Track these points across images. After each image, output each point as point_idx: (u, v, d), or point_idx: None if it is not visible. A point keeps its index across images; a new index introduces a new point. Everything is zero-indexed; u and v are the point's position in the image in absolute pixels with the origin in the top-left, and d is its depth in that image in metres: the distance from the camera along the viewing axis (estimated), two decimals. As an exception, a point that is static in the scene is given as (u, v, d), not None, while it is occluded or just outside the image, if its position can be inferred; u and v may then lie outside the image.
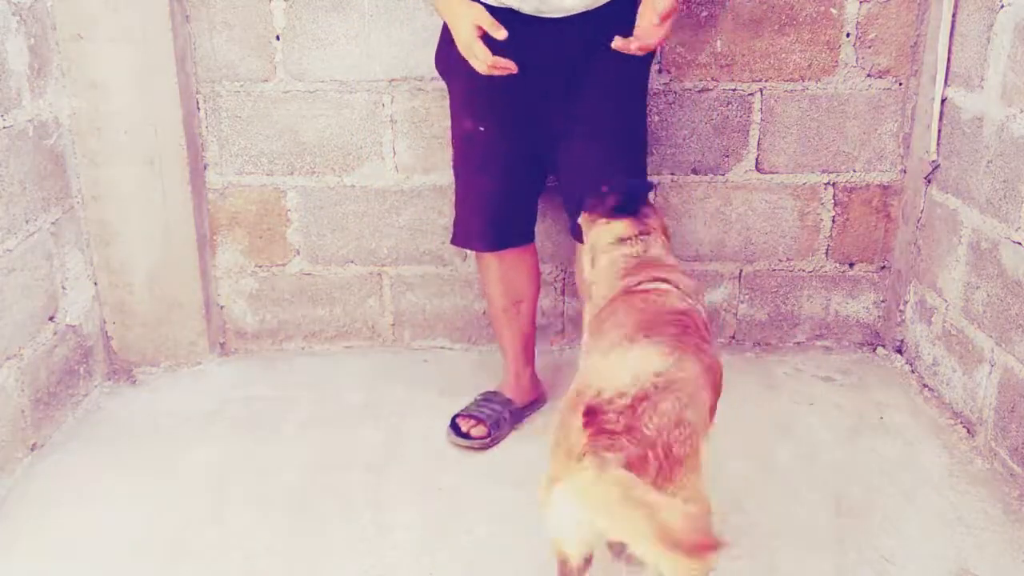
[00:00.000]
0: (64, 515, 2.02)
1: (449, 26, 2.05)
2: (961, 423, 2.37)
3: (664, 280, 1.66)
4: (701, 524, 1.09)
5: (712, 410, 1.47)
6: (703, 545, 1.05)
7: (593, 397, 1.22)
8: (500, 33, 1.93)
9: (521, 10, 2.07)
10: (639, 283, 1.64)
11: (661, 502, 1.09)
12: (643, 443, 1.17)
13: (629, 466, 1.14)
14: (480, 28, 1.94)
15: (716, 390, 1.51)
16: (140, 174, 2.52)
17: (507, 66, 1.97)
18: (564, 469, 1.19)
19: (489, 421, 2.29)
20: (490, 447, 2.26)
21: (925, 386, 2.57)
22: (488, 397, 2.39)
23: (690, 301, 1.63)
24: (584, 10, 2.07)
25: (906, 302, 2.70)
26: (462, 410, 2.35)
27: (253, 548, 1.90)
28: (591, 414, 1.20)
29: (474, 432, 2.27)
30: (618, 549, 1.51)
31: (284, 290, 2.79)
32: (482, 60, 1.96)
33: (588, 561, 1.37)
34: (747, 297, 2.83)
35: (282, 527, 1.97)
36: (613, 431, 1.17)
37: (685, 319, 1.54)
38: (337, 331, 2.84)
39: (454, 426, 2.30)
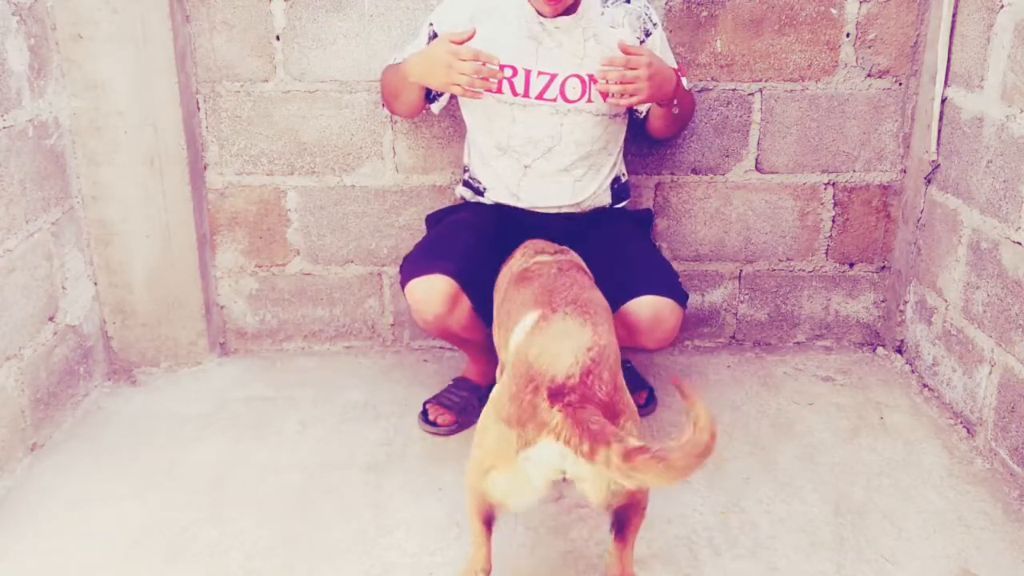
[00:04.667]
0: (64, 515, 2.02)
1: (426, 67, 2.16)
2: (961, 423, 2.37)
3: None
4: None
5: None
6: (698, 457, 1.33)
7: (550, 382, 1.46)
8: (468, 32, 2.08)
9: (518, 205, 2.34)
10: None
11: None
12: (598, 404, 1.45)
13: (598, 428, 1.40)
14: (453, 43, 2.07)
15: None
16: (140, 174, 2.52)
17: (490, 60, 2.03)
18: (536, 434, 1.44)
19: (456, 409, 2.37)
20: (457, 432, 2.32)
21: (925, 386, 2.57)
22: (457, 383, 2.46)
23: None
24: (573, 210, 2.35)
25: (906, 302, 2.70)
26: (432, 397, 2.42)
27: (253, 548, 1.91)
28: (554, 396, 1.44)
29: (440, 420, 2.35)
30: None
31: (284, 290, 2.79)
32: (467, 68, 2.06)
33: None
34: (747, 297, 2.83)
35: (282, 527, 1.97)
36: (577, 403, 1.43)
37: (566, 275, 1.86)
38: (337, 331, 2.84)
39: (424, 413, 2.38)
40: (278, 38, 2.56)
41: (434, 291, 2.11)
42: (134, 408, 2.50)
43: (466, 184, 2.46)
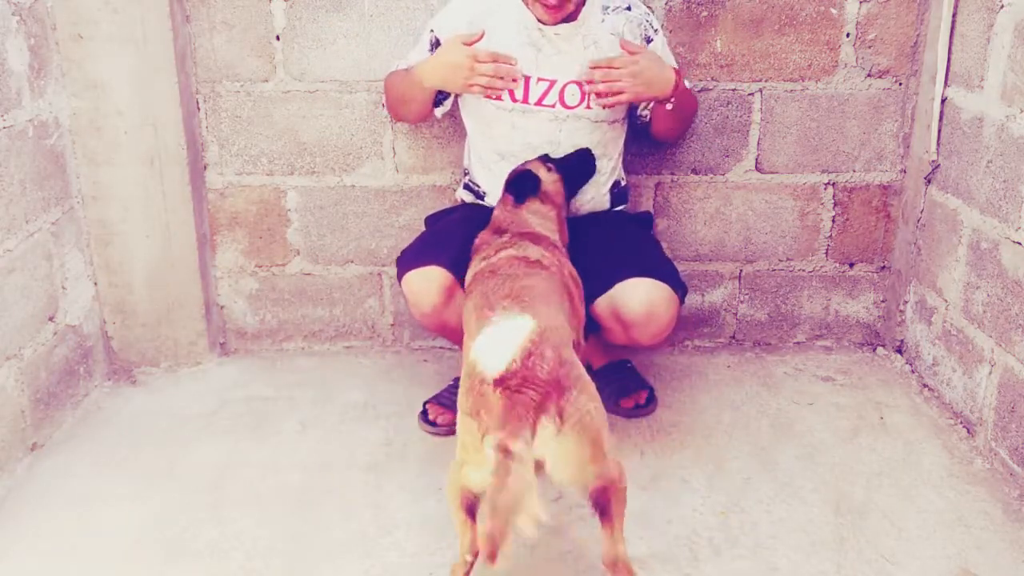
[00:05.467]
0: (64, 515, 2.02)
1: (443, 71, 2.18)
2: (961, 423, 2.37)
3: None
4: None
5: (578, 300, 2.03)
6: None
7: (495, 372, 1.59)
8: (478, 34, 2.14)
9: None
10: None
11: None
12: (542, 384, 1.56)
13: (538, 404, 1.54)
14: (466, 45, 2.12)
15: (574, 284, 2.04)
16: (140, 174, 2.52)
17: (508, 60, 2.05)
18: (495, 422, 1.54)
19: (456, 408, 2.34)
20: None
21: (925, 386, 2.57)
22: (457, 383, 2.42)
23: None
24: (572, 215, 2.33)
25: (906, 302, 2.70)
26: (432, 396, 2.42)
27: (253, 548, 1.91)
28: (502, 383, 1.57)
29: (440, 420, 2.35)
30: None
31: (284, 290, 2.79)
32: (486, 69, 2.10)
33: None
34: (747, 297, 2.83)
35: (282, 527, 1.97)
36: (520, 386, 1.56)
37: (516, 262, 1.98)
38: (337, 331, 2.84)
39: (424, 413, 2.38)
40: (278, 38, 2.56)
41: (430, 283, 2.13)
42: (134, 408, 2.50)
43: (467, 188, 2.46)
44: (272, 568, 1.85)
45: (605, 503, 1.64)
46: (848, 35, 2.58)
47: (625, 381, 2.46)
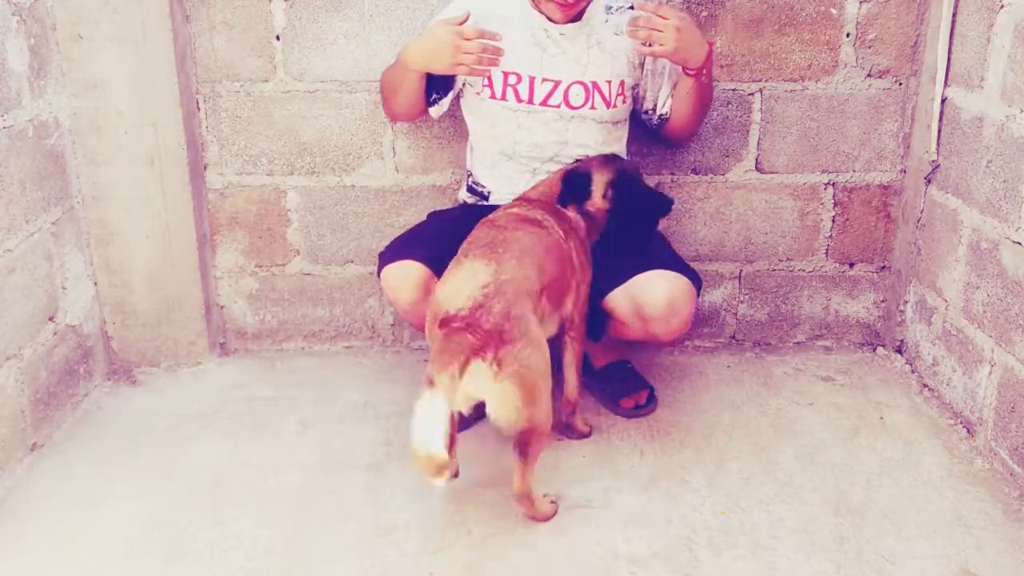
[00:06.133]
0: (64, 515, 2.02)
1: (427, 51, 2.13)
2: (961, 423, 2.37)
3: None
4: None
5: (584, 254, 2.15)
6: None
7: (444, 314, 1.78)
8: (463, 16, 2.09)
9: None
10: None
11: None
12: (483, 334, 1.74)
13: (474, 348, 1.72)
14: (453, 25, 2.07)
15: (578, 262, 2.12)
16: (140, 174, 2.52)
17: (494, 37, 2.05)
18: (431, 357, 1.73)
19: None
20: (462, 429, 2.24)
21: (925, 386, 2.57)
22: None
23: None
24: None
25: (906, 302, 2.70)
26: None
27: (253, 548, 1.91)
28: (445, 324, 1.77)
29: None
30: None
31: (284, 290, 2.79)
32: (472, 46, 2.05)
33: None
34: (747, 297, 2.83)
35: (282, 527, 1.97)
36: (460, 329, 1.74)
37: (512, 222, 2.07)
38: (337, 331, 2.84)
39: None
40: (278, 38, 2.56)
41: (406, 278, 2.14)
42: (134, 408, 2.50)
43: (470, 190, 2.46)
44: (272, 568, 1.85)
45: (526, 444, 1.86)
46: (848, 35, 2.58)
47: (625, 381, 2.46)
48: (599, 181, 2.17)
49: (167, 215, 2.57)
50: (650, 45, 2.10)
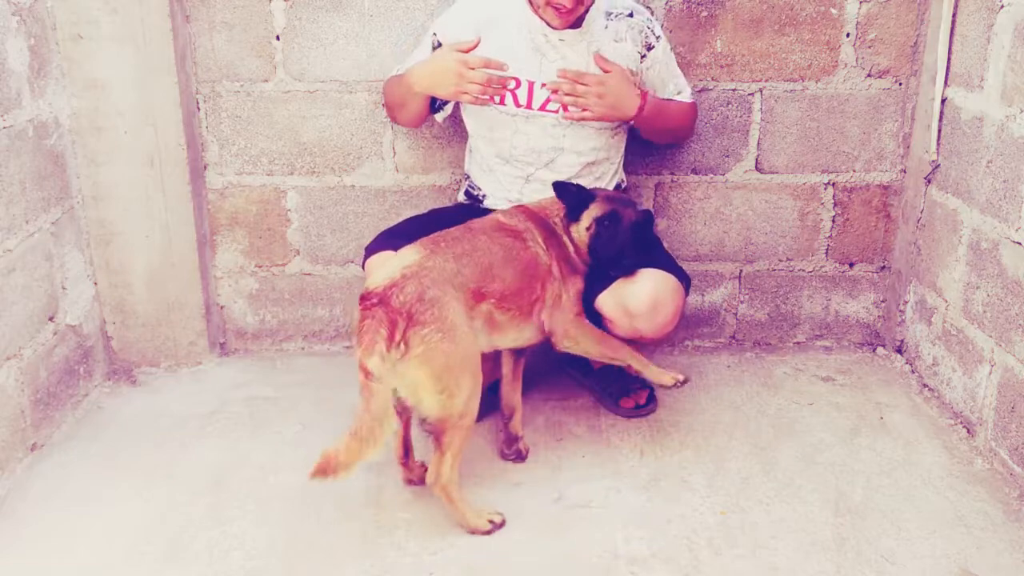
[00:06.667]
0: (64, 515, 2.02)
1: (433, 77, 2.18)
2: (961, 423, 2.37)
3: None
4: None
5: (558, 261, 2.13)
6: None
7: (365, 290, 1.83)
8: (474, 41, 2.13)
9: None
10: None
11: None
12: (391, 311, 1.76)
13: (386, 324, 1.75)
14: (460, 51, 2.11)
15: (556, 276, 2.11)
16: (140, 174, 2.52)
17: (500, 67, 2.04)
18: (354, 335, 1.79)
19: None
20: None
21: (925, 386, 2.57)
22: None
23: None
24: None
25: (906, 302, 2.70)
26: None
27: (253, 548, 1.91)
28: (363, 299, 1.81)
29: None
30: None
31: (284, 290, 2.79)
32: (477, 76, 2.09)
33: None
34: (747, 297, 2.83)
35: (282, 527, 1.97)
36: (373, 306, 1.78)
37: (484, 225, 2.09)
38: (337, 331, 2.84)
39: None
40: (278, 38, 2.56)
41: (380, 266, 2.13)
42: (134, 408, 2.50)
43: (467, 194, 2.46)
44: (272, 568, 1.85)
45: (439, 433, 1.86)
46: (848, 35, 2.58)
47: (625, 381, 2.46)
48: (590, 213, 2.15)
49: (167, 215, 2.57)
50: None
